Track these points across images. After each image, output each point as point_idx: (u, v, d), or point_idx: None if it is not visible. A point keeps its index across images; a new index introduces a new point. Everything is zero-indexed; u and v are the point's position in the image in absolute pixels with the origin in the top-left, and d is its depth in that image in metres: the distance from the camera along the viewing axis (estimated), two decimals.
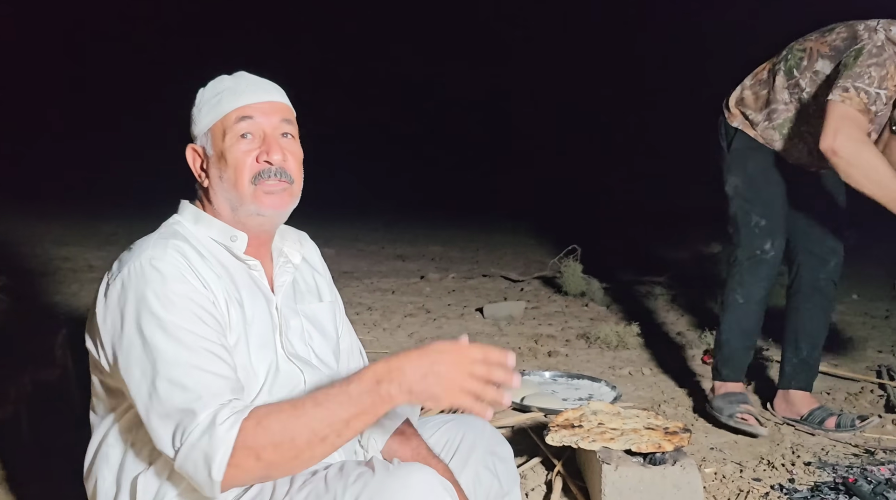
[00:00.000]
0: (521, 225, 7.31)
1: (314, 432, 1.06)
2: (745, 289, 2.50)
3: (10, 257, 4.76)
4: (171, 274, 1.15)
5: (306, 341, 1.34)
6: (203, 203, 1.32)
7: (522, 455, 2.15)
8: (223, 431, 1.04)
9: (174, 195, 1.36)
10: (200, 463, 1.05)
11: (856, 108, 2.13)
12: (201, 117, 1.30)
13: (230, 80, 1.31)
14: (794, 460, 2.23)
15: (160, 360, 1.10)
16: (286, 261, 1.37)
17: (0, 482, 1.96)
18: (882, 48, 2.17)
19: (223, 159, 1.26)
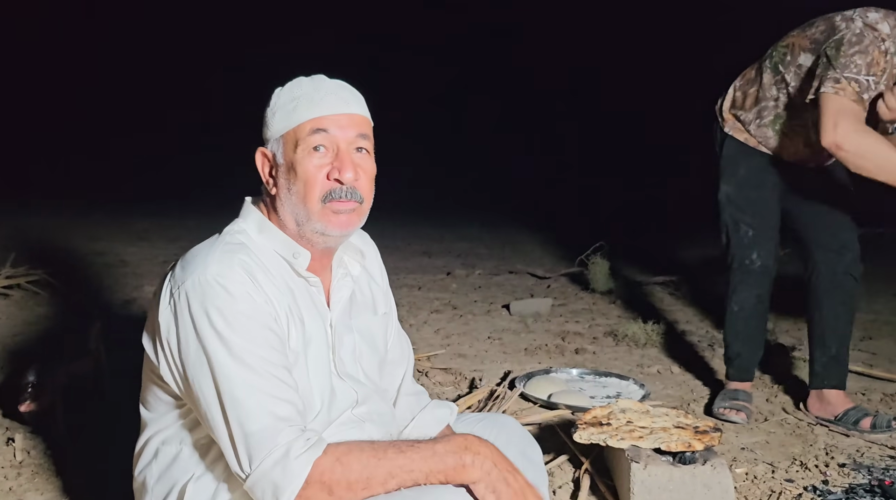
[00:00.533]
0: (548, 221, 7.28)
1: (392, 475, 1.09)
2: (737, 296, 2.58)
3: (46, 253, 4.86)
4: (238, 293, 1.13)
5: (356, 358, 1.33)
6: (268, 209, 1.28)
7: (550, 452, 2.13)
8: (298, 466, 1.06)
9: (204, 194, 1.36)
10: (269, 493, 1.07)
11: (850, 98, 2.12)
12: (274, 122, 1.24)
13: (308, 85, 1.25)
14: (828, 461, 2.19)
15: (227, 383, 1.10)
16: (345, 273, 1.34)
17: (37, 472, 2.00)
18: (861, 35, 2.16)
19: (293, 171, 1.22)
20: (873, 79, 2.15)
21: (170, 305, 1.16)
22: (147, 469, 1.26)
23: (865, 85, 2.14)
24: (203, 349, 1.11)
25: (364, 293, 1.40)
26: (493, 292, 4.50)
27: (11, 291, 3.85)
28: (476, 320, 3.84)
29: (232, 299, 1.12)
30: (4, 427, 2.26)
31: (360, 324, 1.36)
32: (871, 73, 2.15)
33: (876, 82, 2.16)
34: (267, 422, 1.08)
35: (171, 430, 1.25)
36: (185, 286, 1.14)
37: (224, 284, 1.13)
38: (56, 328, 3.27)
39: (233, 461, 1.10)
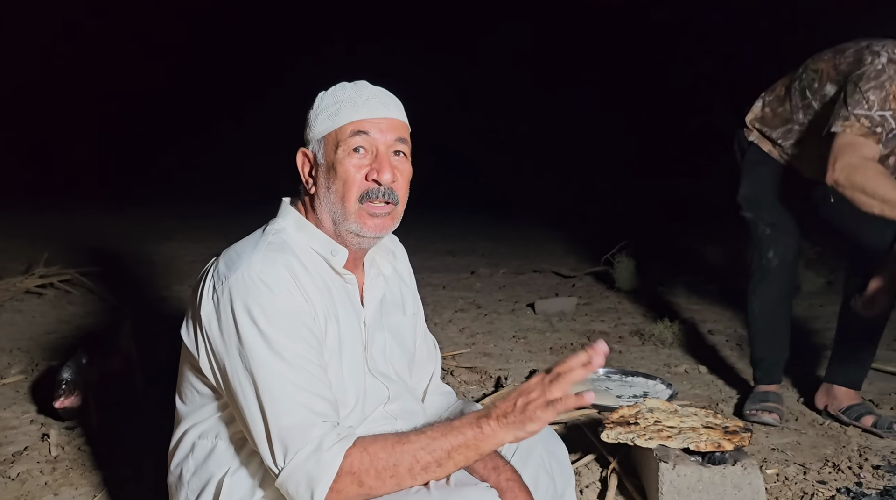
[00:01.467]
0: (572, 220, 7.24)
1: (417, 459, 1.09)
2: (757, 296, 2.56)
3: (78, 252, 4.96)
4: (279, 291, 1.15)
5: (387, 357, 1.35)
6: (306, 208, 1.31)
7: (577, 452, 2.13)
8: (330, 457, 1.07)
9: (229, 196, 1.38)
10: (303, 485, 1.08)
11: (857, 134, 2.11)
12: (317, 123, 1.28)
13: (351, 90, 1.28)
14: (862, 462, 2.15)
15: (265, 377, 1.12)
16: (378, 273, 1.37)
17: (72, 467, 2.04)
18: (882, 71, 2.16)
19: (333, 171, 1.25)
20: (890, 113, 2.13)
21: (212, 299, 1.18)
22: (183, 463, 1.28)
23: (878, 120, 2.12)
24: (242, 344, 1.14)
25: (394, 293, 1.42)
26: (517, 291, 4.49)
27: (45, 290, 3.93)
28: (501, 319, 3.83)
29: (273, 297, 1.15)
30: (40, 423, 2.31)
31: (391, 323, 1.38)
32: (887, 107, 2.13)
33: (893, 116, 2.14)
34: (302, 417, 1.10)
35: (207, 423, 1.26)
36: (228, 282, 1.16)
37: (267, 281, 1.15)
38: (88, 326, 3.34)
39: (267, 456, 1.12)
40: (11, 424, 2.31)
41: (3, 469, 2.00)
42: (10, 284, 3.89)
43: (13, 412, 2.40)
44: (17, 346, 3.05)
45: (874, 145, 2.12)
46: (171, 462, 1.32)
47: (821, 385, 2.61)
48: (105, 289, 4.02)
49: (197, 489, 1.25)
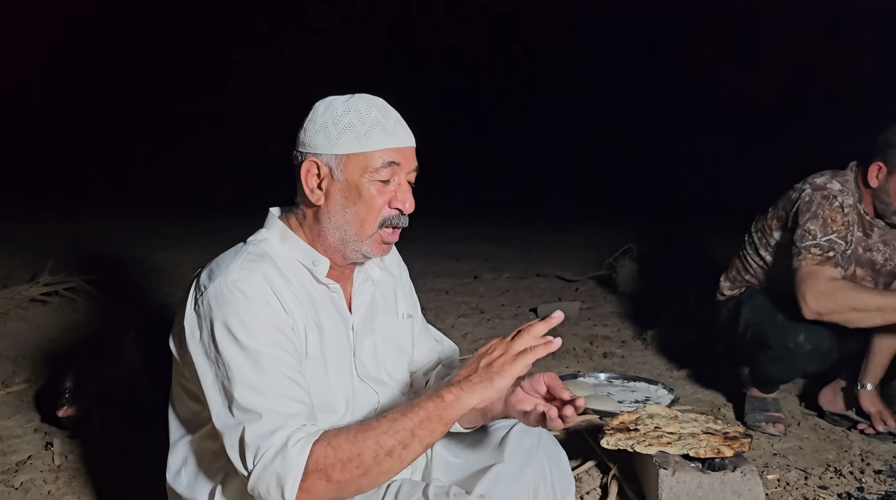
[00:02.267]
0: (575, 224, 7.24)
1: (380, 444, 1.07)
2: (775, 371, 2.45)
3: (83, 260, 4.98)
4: (255, 298, 1.17)
5: (378, 360, 1.36)
6: (298, 219, 1.31)
7: (577, 458, 2.13)
8: (295, 453, 1.07)
9: (233, 203, 1.39)
10: (273, 485, 1.07)
11: (813, 264, 2.25)
12: (341, 139, 1.24)
13: (378, 113, 1.26)
14: (864, 467, 2.14)
15: (238, 382, 1.13)
16: (366, 278, 1.38)
17: (75, 476, 2.05)
18: (810, 202, 2.34)
19: (356, 193, 1.25)
20: (836, 235, 2.28)
21: (194, 309, 1.20)
22: (178, 475, 1.29)
23: (826, 246, 2.26)
24: (218, 351, 1.15)
25: (386, 295, 1.43)
26: (520, 296, 4.49)
27: (49, 298, 3.95)
28: (503, 324, 3.83)
29: (249, 304, 1.16)
30: (43, 432, 2.33)
31: (383, 327, 1.39)
32: (830, 231, 2.28)
33: (841, 236, 2.28)
34: (272, 421, 1.10)
35: (199, 435, 1.27)
36: (207, 292, 1.19)
37: (243, 289, 1.17)
38: (92, 335, 3.35)
39: (237, 460, 1.11)
40: (15, 433, 2.33)
41: (7, 478, 2.02)
42: (15, 292, 3.92)
43: (17, 421, 2.41)
44: (22, 354, 3.07)
45: (832, 269, 2.24)
46: (168, 473, 1.33)
47: (829, 383, 2.59)
48: (109, 297, 4.04)
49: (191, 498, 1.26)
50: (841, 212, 2.31)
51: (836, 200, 2.32)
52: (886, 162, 2.28)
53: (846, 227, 2.31)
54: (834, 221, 2.30)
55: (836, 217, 2.30)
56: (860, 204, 2.38)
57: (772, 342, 2.33)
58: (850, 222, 2.32)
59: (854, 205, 2.36)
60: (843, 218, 2.31)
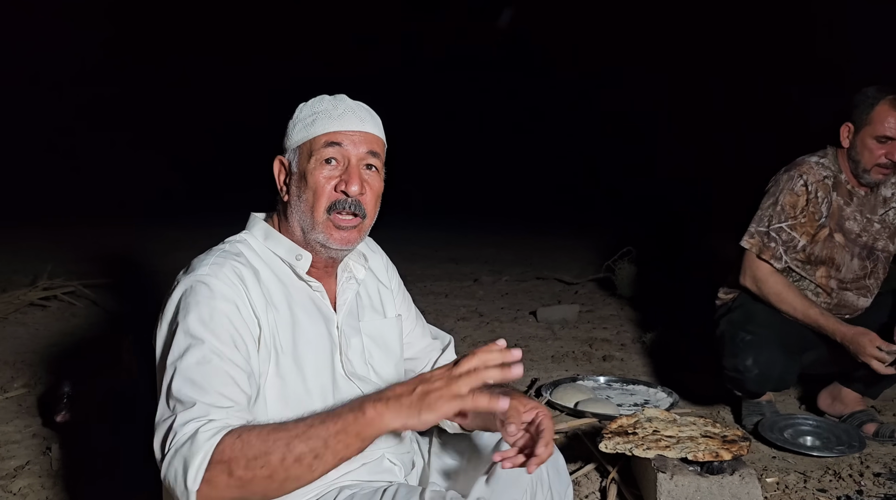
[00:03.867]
0: (575, 227, 7.24)
1: (290, 448, 1.00)
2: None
3: (82, 264, 4.98)
4: (219, 292, 1.18)
5: (366, 360, 1.36)
6: (279, 218, 1.34)
7: (576, 462, 2.12)
8: (202, 440, 1.02)
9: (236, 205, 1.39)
10: (180, 471, 1.01)
11: (755, 251, 2.43)
12: (294, 133, 1.31)
13: (329, 102, 1.31)
14: (863, 470, 2.14)
15: (179, 373, 1.12)
16: (350, 277, 1.38)
17: (73, 481, 2.05)
18: (776, 183, 2.46)
19: (304, 180, 1.28)
20: (787, 223, 2.41)
21: (166, 305, 1.23)
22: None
23: (772, 236, 2.41)
24: (171, 337, 1.17)
25: (371, 296, 1.44)
26: (519, 299, 4.49)
27: (48, 302, 3.95)
28: (503, 327, 3.83)
29: (212, 297, 1.17)
30: (41, 437, 2.32)
31: (368, 327, 1.39)
32: (784, 219, 2.41)
33: (793, 226, 2.41)
34: (197, 410, 1.07)
35: None
36: (178, 288, 1.21)
37: (208, 282, 1.19)
38: (91, 339, 3.35)
39: (156, 445, 1.08)
40: (13, 438, 2.32)
41: (5, 484, 2.01)
42: (14, 296, 3.92)
43: (15, 426, 2.41)
44: (21, 359, 3.07)
45: (765, 264, 2.42)
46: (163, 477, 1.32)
47: (826, 389, 2.60)
48: (108, 301, 4.04)
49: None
50: (805, 193, 2.40)
51: (800, 178, 2.41)
52: (853, 121, 2.40)
53: (808, 210, 2.40)
54: (794, 206, 2.40)
55: (797, 202, 2.40)
56: (841, 174, 2.45)
57: (725, 361, 2.41)
58: (818, 200, 2.41)
59: (831, 176, 2.44)
60: (807, 198, 2.40)
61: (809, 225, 2.42)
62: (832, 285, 2.48)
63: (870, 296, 2.53)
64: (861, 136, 2.38)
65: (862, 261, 2.48)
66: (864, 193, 2.47)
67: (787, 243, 2.42)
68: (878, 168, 2.38)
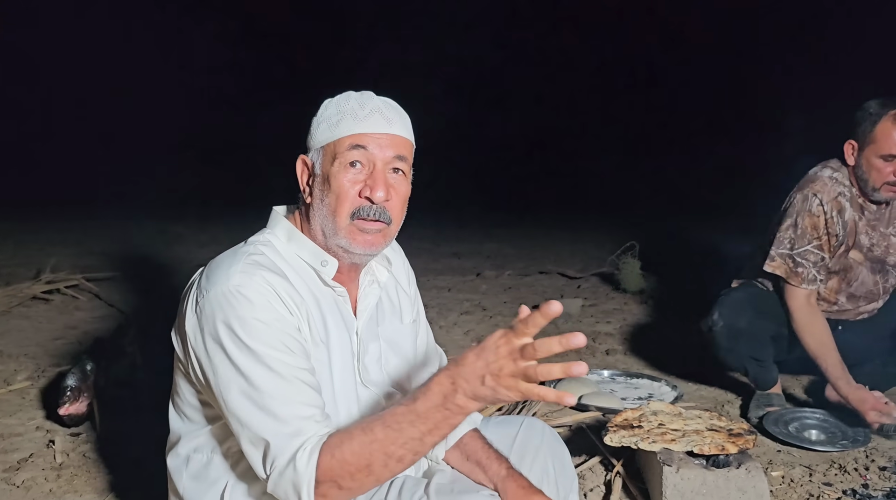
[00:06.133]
0: (578, 221, 7.22)
1: (389, 454, 1.07)
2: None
3: (85, 257, 4.99)
4: (259, 302, 1.14)
5: (382, 366, 1.33)
6: (301, 218, 1.30)
7: (581, 455, 2.12)
8: (302, 465, 1.07)
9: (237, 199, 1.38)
10: (290, 491, 1.09)
11: (784, 277, 2.38)
12: (318, 132, 1.26)
13: (355, 101, 1.25)
14: (868, 464, 2.13)
15: (252, 387, 1.11)
16: (372, 280, 1.35)
17: (77, 473, 2.05)
18: (791, 206, 2.40)
19: (328, 183, 1.23)
20: (812, 245, 2.36)
21: (195, 313, 1.18)
22: (178, 474, 1.28)
23: (798, 261, 2.36)
24: (228, 356, 1.13)
25: (392, 300, 1.40)
26: (522, 293, 4.48)
27: (52, 295, 3.95)
28: (506, 322, 3.80)
29: (253, 308, 1.14)
30: (45, 430, 2.33)
31: (387, 332, 1.36)
32: (808, 242, 2.36)
33: (818, 246, 2.37)
34: (291, 426, 1.09)
35: (201, 437, 1.26)
36: (209, 296, 1.16)
37: (245, 293, 1.15)
38: (95, 332, 3.35)
39: (256, 463, 1.11)
40: (17, 431, 2.32)
41: (8, 476, 2.01)
42: (17, 290, 3.92)
43: (19, 419, 2.41)
44: (24, 352, 3.07)
45: (799, 290, 2.37)
46: (168, 472, 1.32)
47: None
48: (111, 294, 4.04)
49: (193, 498, 1.25)
50: (822, 213, 2.35)
51: (815, 198, 2.36)
52: (857, 139, 2.35)
53: (829, 228, 2.36)
54: (815, 228, 2.36)
55: (817, 222, 2.36)
56: (852, 188, 2.41)
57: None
58: (835, 219, 2.37)
59: (846, 191, 2.40)
60: (826, 218, 2.35)
61: (830, 243, 2.38)
62: (841, 298, 2.50)
63: (878, 302, 2.54)
64: (866, 155, 2.33)
65: (874, 276, 2.47)
66: (877, 207, 2.44)
67: (817, 264, 2.37)
68: (887, 186, 2.33)
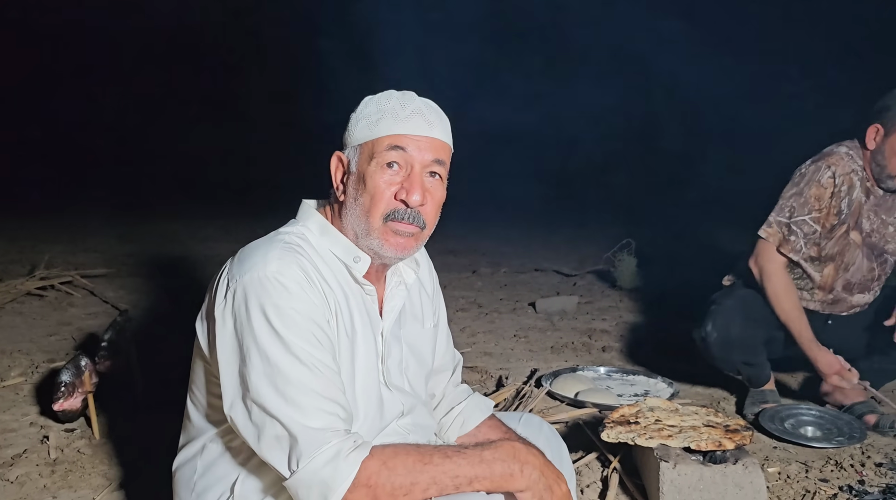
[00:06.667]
0: (574, 218, 7.23)
1: (435, 482, 1.08)
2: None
3: (79, 254, 4.96)
4: (295, 291, 1.12)
5: (402, 370, 1.32)
6: (333, 213, 1.27)
7: (578, 451, 2.12)
8: (346, 466, 1.04)
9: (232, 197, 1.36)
10: (315, 491, 1.05)
11: (774, 242, 2.39)
12: (357, 130, 1.23)
13: (397, 101, 1.23)
14: (864, 460, 2.13)
15: (280, 377, 1.08)
16: (399, 282, 1.33)
17: (71, 469, 2.03)
18: (803, 174, 2.39)
19: (363, 183, 1.21)
20: (810, 216, 2.36)
21: (226, 298, 1.14)
22: (189, 463, 1.26)
23: (793, 229, 2.37)
24: (258, 344, 1.10)
25: (415, 304, 1.39)
26: (518, 290, 4.48)
27: (46, 292, 3.93)
28: (502, 319, 3.82)
29: (289, 296, 1.11)
30: (39, 426, 2.31)
31: (409, 335, 1.35)
32: (807, 211, 2.36)
33: (816, 219, 2.37)
34: (319, 421, 1.07)
35: (219, 427, 1.23)
36: (242, 281, 1.13)
37: (282, 281, 1.12)
38: (88, 328, 3.33)
39: (279, 459, 1.08)
40: (11, 426, 2.31)
41: (2, 472, 2.00)
42: (11, 286, 3.89)
43: (13, 415, 2.39)
44: (18, 348, 3.05)
45: (778, 256, 2.39)
46: (176, 460, 1.30)
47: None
48: (105, 291, 4.02)
49: (203, 491, 1.23)
50: (832, 185, 2.35)
51: (828, 169, 2.35)
52: (884, 124, 2.33)
53: (832, 203, 2.35)
54: (819, 199, 2.35)
55: (823, 194, 2.35)
56: (865, 170, 2.39)
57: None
58: (842, 194, 2.36)
59: (859, 169, 2.38)
60: (833, 191, 2.35)
61: (828, 218, 2.38)
62: (837, 286, 2.49)
63: (869, 295, 2.54)
64: (891, 141, 2.30)
65: (870, 262, 2.47)
66: (883, 193, 2.43)
67: (808, 236, 2.38)
68: None
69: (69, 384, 2.23)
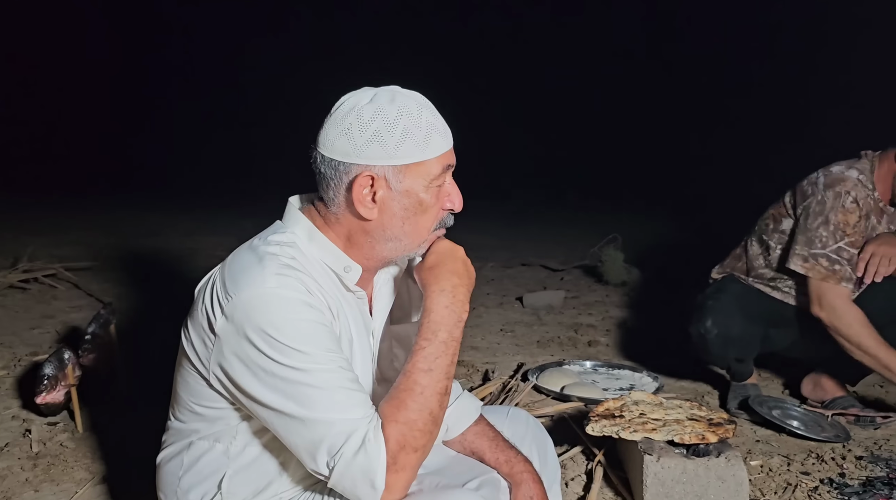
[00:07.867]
0: (561, 213, 7.25)
1: (439, 391, 1.12)
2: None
3: (63, 247, 4.92)
4: (296, 301, 1.11)
5: (391, 362, 1.33)
6: (325, 217, 1.22)
7: (563, 444, 2.13)
8: (373, 448, 1.05)
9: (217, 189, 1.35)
10: (359, 478, 1.05)
11: (819, 278, 2.28)
12: (401, 149, 1.13)
13: (429, 114, 1.17)
14: (845, 453, 2.16)
15: (302, 386, 1.08)
16: (387, 279, 1.33)
17: (53, 463, 2.02)
18: (822, 203, 2.30)
19: (420, 205, 1.18)
20: (846, 241, 2.28)
21: (224, 315, 1.12)
22: (175, 459, 1.25)
23: (834, 258, 2.28)
24: (270, 359, 1.09)
25: (402, 296, 1.39)
26: (505, 285, 4.49)
27: (29, 285, 3.89)
28: (489, 313, 3.83)
29: (292, 308, 1.10)
30: (21, 419, 2.29)
31: (397, 329, 1.35)
32: (839, 238, 2.28)
33: (852, 242, 2.29)
34: (339, 416, 1.07)
35: (208, 426, 1.22)
36: (241, 300, 1.11)
37: (282, 295, 1.10)
38: (72, 322, 3.31)
39: (317, 462, 1.08)
40: None
41: None
42: None
43: None
44: (0, 341, 3.02)
45: (841, 287, 2.28)
46: (161, 455, 1.29)
47: (808, 375, 2.63)
48: (89, 284, 3.98)
49: (189, 487, 1.23)
50: (857, 208, 2.28)
51: (849, 195, 2.28)
52: None
53: (860, 226, 2.29)
54: (847, 224, 2.28)
55: (850, 219, 2.28)
56: (874, 192, 2.35)
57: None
58: (866, 216, 2.31)
59: (871, 194, 2.34)
60: (859, 214, 2.29)
61: (859, 242, 2.32)
62: None
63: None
64: None
65: None
66: (893, 212, 2.39)
67: (850, 261, 2.29)
68: None
69: (52, 378, 2.21)
